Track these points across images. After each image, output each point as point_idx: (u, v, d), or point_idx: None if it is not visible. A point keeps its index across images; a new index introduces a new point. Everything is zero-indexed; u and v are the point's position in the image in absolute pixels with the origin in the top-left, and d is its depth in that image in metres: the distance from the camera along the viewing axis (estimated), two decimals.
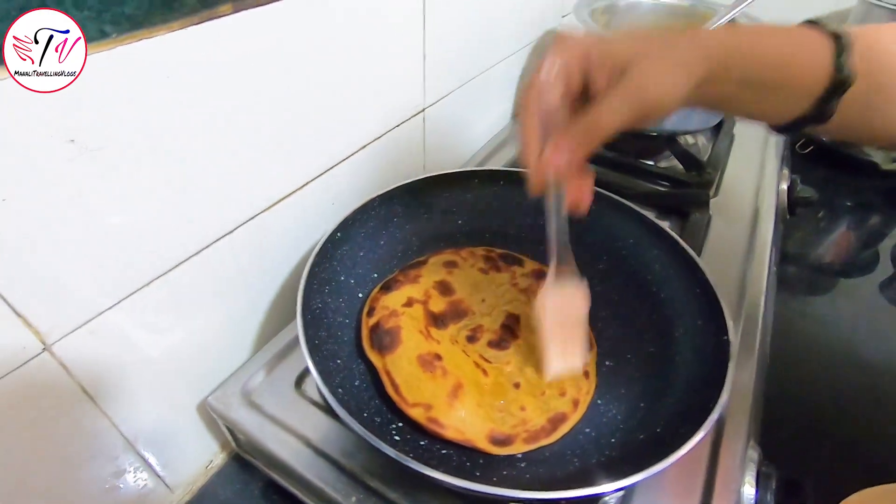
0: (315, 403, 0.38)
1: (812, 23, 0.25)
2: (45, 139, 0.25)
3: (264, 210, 0.40)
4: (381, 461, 0.33)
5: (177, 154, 0.32)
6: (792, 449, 0.50)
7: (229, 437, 0.42)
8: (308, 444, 0.36)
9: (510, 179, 0.49)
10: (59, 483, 0.33)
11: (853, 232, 0.88)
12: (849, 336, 0.65)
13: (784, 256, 0.77)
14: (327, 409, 0.37)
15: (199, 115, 0.32)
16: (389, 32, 0.46)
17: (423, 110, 0.55)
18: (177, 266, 0.35)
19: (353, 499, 0.33)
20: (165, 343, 0.37)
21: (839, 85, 0.23)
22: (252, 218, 0.39)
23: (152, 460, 0.39)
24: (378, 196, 0.46)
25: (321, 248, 0.40)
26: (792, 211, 0.68)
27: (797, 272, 0.77)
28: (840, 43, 0.23)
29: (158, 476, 0.40)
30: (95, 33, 0.25)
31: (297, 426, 0.37)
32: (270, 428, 0.37)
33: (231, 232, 0.38)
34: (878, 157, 0.91)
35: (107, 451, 0.35)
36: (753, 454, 0.37)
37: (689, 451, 0.27)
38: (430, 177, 0.48)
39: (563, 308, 0.33)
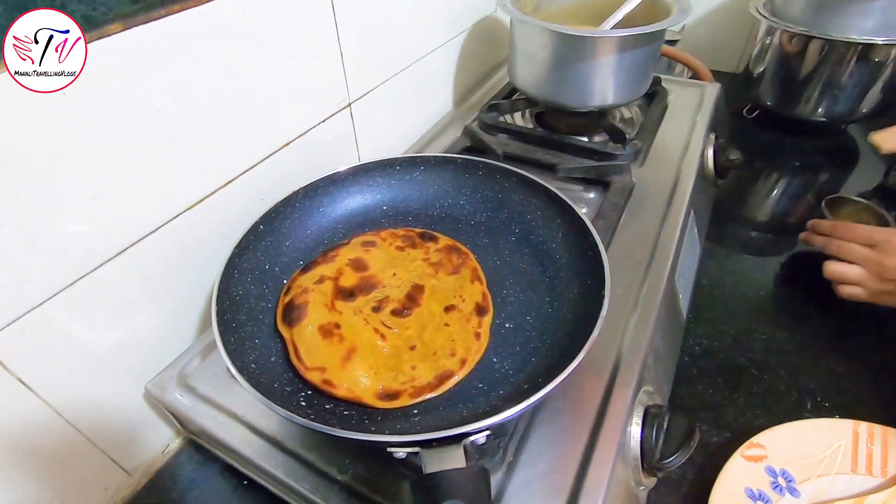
0: None
1: None
2: None
3: (188, 209, 0.43)
4: (295, 427, 0.37)
5: (87, 159, 0.35)
6: (710, 395, 0.54)
7: (175, 422, 0.45)
8: (236, 418, 0.39)
9: (429, 164, 0.52)
10: (12, 471, 0.36)
11: (802, 191, 0.90)
12: (787, 290, 0.67)
13: (736, 219, 0.80)
14: None
15: (108, 120, 0.35)
16: (301, 32, 0.49)
17: (350, 105, 0.58)
18: (102, 265, 0.38)
19: (273, 462, 0.36)
20: (106, 338, 0.40)
21: None
22: (176, 217, 0.43)
23: (106, 448, 0.42)
24: (302, 189, 0.49)
25: (241, 241, 0.43)
26: (721, 174, 0.70)
27: (747, 234, 0.79)
28: None
29: (114, 461, 0.44)
30: None
31: (228, 404, 0.40)
32: (203, 407, 0.40)
33: (155, 230, 0.41)
34: None
35: (57, 440, 0.38)
36: (644, 398, 0.40)
37: (551, 391, 0.30)
38: (353, 167, 0.51)
39: None
